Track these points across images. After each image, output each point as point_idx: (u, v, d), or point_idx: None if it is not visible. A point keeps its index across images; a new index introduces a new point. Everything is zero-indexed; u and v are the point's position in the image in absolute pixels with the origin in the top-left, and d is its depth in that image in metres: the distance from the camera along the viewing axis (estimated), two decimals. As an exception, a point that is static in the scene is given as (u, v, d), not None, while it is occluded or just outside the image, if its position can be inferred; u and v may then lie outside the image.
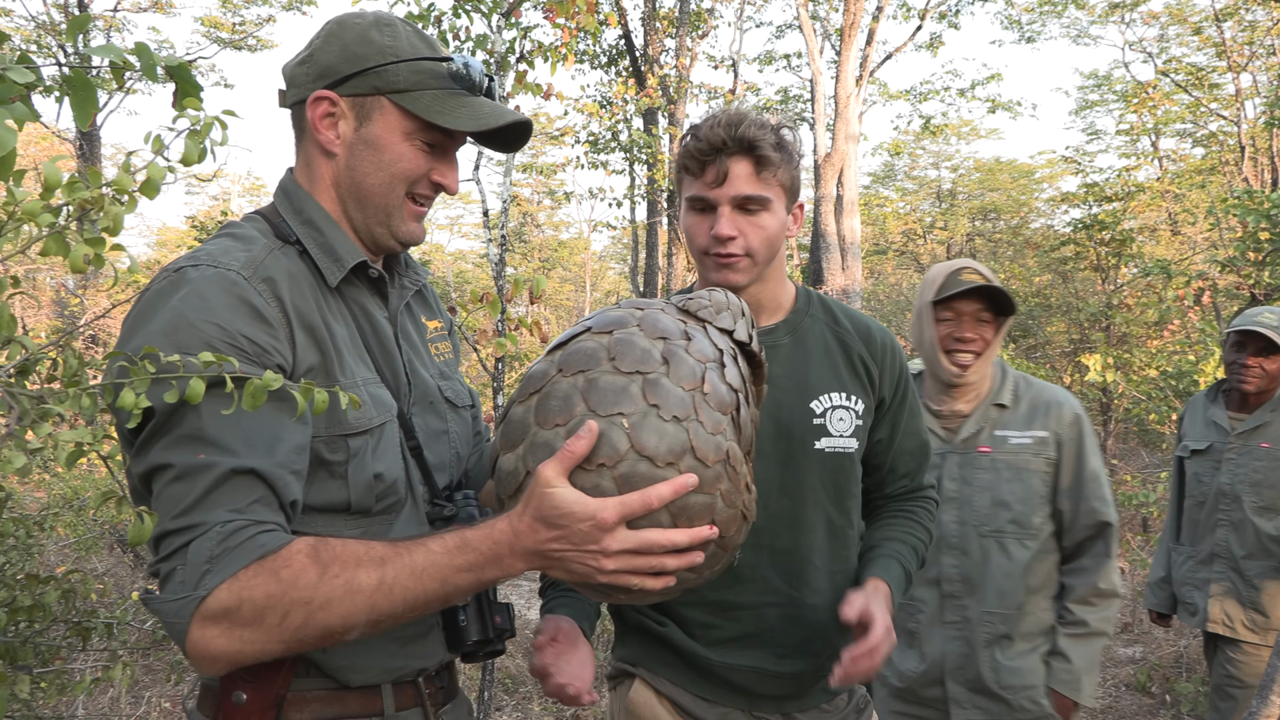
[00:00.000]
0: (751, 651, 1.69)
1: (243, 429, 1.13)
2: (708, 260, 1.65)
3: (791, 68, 17.26)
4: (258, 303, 1.20)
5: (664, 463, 1.14)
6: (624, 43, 12.71)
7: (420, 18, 5.59)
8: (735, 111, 1.63)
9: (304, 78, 1.37)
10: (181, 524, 1.10)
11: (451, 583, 1.15)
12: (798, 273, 15.61)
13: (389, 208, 1.37)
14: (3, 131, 1.18)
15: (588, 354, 1.21)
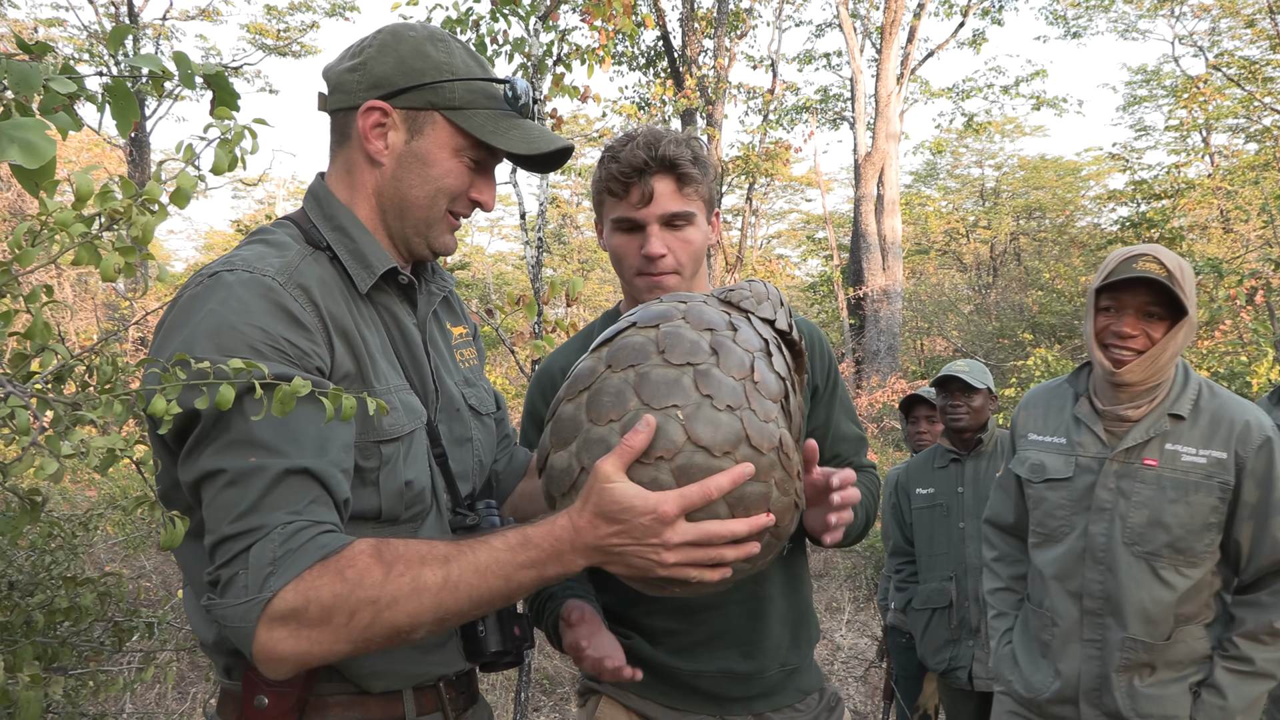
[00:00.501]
0: (718, 654, 1.69)
1: (291, 431, 1.14)
2: (639, 280, 1.68)
3: (831, 66, 17.16)
4: (294, 308, 1.21)
5: (720, 452, 1.14)
6: (662, 44, 12.70)
7: (459, 22, 5.63)
8: (650, 131, 1.66)
9: (354, 85, 1.36)
10: (240, 528, 1.10)
11: (515, 580, 1.16)
12: (837, 273, 15.50)
13: (430, 220, 1.38)
14: (42, 141, 1.21)
15: (637, 348, 1.22)
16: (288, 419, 1.13)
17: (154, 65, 1.70)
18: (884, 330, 14.42)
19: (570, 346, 1.81)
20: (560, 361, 1.78)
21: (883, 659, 4.69)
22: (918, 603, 3.73)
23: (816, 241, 22.70)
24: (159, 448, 1.19)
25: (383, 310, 1.39)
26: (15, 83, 1.52)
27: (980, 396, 3.58)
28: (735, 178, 12.06)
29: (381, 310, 1.39)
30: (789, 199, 31.84)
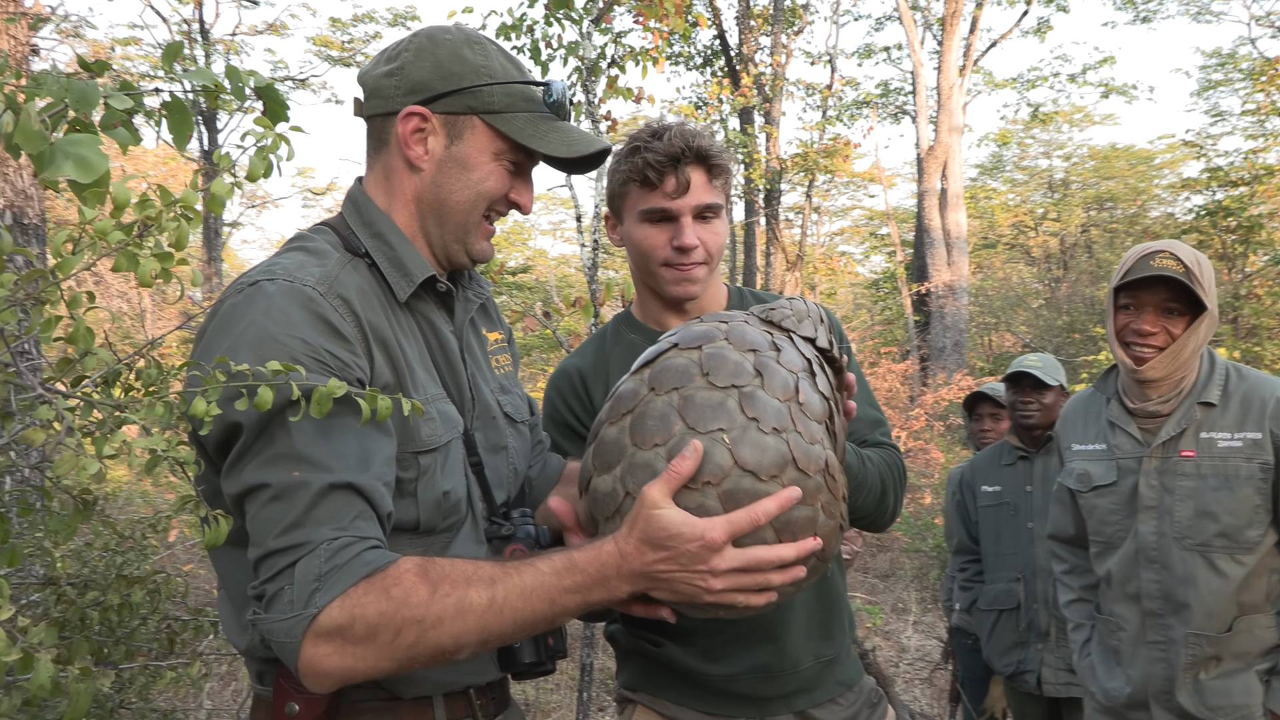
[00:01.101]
0: (753, 652, 1.66)
1: (334, 445, 1.14)
2: (666, 272, 1.67)
3: (891, 60, 16.94)
4: (334, 319, 1.20)
5: (768, 476, 1.13)
6: (719, 43, 12.67)
7: (513, 28, 5.69)
8: (680, 123, 1.67)
9: (392, 90, 1.35)
10: (285, 543, 1.11)
11: (560, 604, 1.15)
12: (901, 269, 15.28)
13: (468, 225, 1.38)
14: (95, 157, 1.26)
15: (680, 370, 1.21)
16: (330, 433, 1.14)
17: (207, 79, 1.75)
18: (950, 326, 14.17)
19: (586, 349, 1.81)
20: (576, 363, 1.78)
21: (948, 661, 4.61)
22: (984, 603, 3.64)
23: (879, 238, 22.40)
24: (201, 455, 1.21)
25: (420, 318, 1.38)
26: (75, 100, 1.57)
27: (1052, 393, 3.47)
28: (794, 175, 11.97)
29: (419, 318, 1.38)
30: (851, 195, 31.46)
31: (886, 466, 1.71)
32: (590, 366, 1.76)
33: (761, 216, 12.25)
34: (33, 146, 1.18)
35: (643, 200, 1.65)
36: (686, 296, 1.69)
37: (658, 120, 1.72)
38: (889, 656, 5.97)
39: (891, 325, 16.53)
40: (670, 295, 1.69)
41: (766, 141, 11.94)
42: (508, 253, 30.15)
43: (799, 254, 12.10)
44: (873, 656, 4.85)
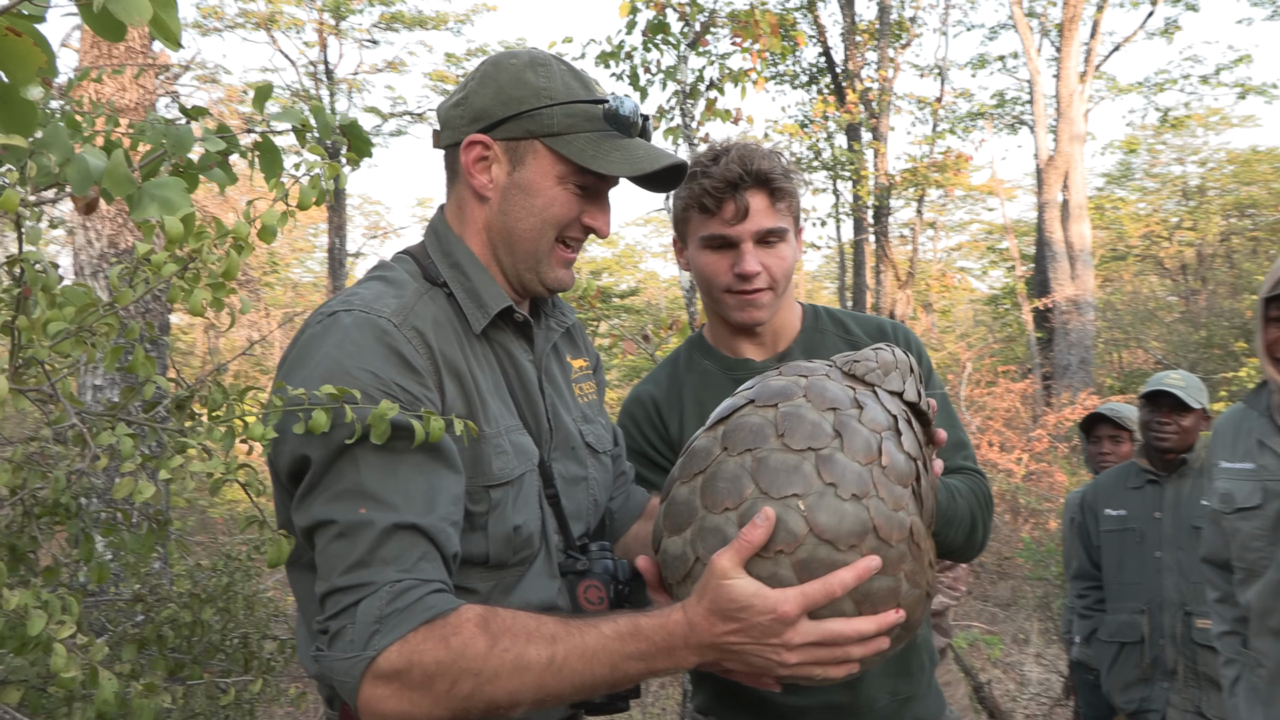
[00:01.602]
0: (829, 691, 1.60)
1: (400, 482, 1.14)
2: (729, 298, 1.63)
3: (1007, 69, 16.42)
4: (407, 351, 1.21)
5: (846, 546, 1.08)
6: (824, 60, 12.55)
7: (612, 55, 5.77)
8: (741, 145, 1.61)
9: (458, 120, 1.35)
10: (349, 582, 1.11)
11: (621, 669, 1.12)
12: (1021, 284, 14.73)
13: (539, 253, 1.35)
14: (178, 199, 1.32)
15: (754, 430, 1.16)
16: (396, 470, 1.14)
17: (295, 119, 1.83)
18: (1075, 343, 13.56)
19: (658, 374, 1.79)
20: (650, 390, 1.75)
21: (1069, 696, 4.38)
22: (1104, 634, 3.41)
23: (999, 252, 21.68)
24: (274, 482, 1.23)
25: (498, 348, 1.37)
26: (172, 144, 1.67)
27: (1193, 416, 3.22)
28: (904, 191, 11.71)
29: (497, 348, 1.37)
30: (969, 209, 30.58)
31: (974, 496, 1.65)
32: (664, 394, 1.74)
33: (871, 234, 12.02)
34: (121, 190, 1.25)
35: (703, 227, 1.63)
36: (752, 323, 1.66)
37: (721, 142, 1.67)
38: (1008, 690, 5.71)
39: (1012, 342, 15.93)
40: (736, 321, 1.67)
41: (874, 158, 11.73)
42: (619, 275, 30.45)
43: (910, 271, 11.80)
44: (988, 690, 4.66)
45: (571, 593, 1.38)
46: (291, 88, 17.92)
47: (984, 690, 4.54)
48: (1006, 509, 9.03)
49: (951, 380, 10.50)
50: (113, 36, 0.97)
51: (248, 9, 16.79)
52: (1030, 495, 8.36)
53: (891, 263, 11.55)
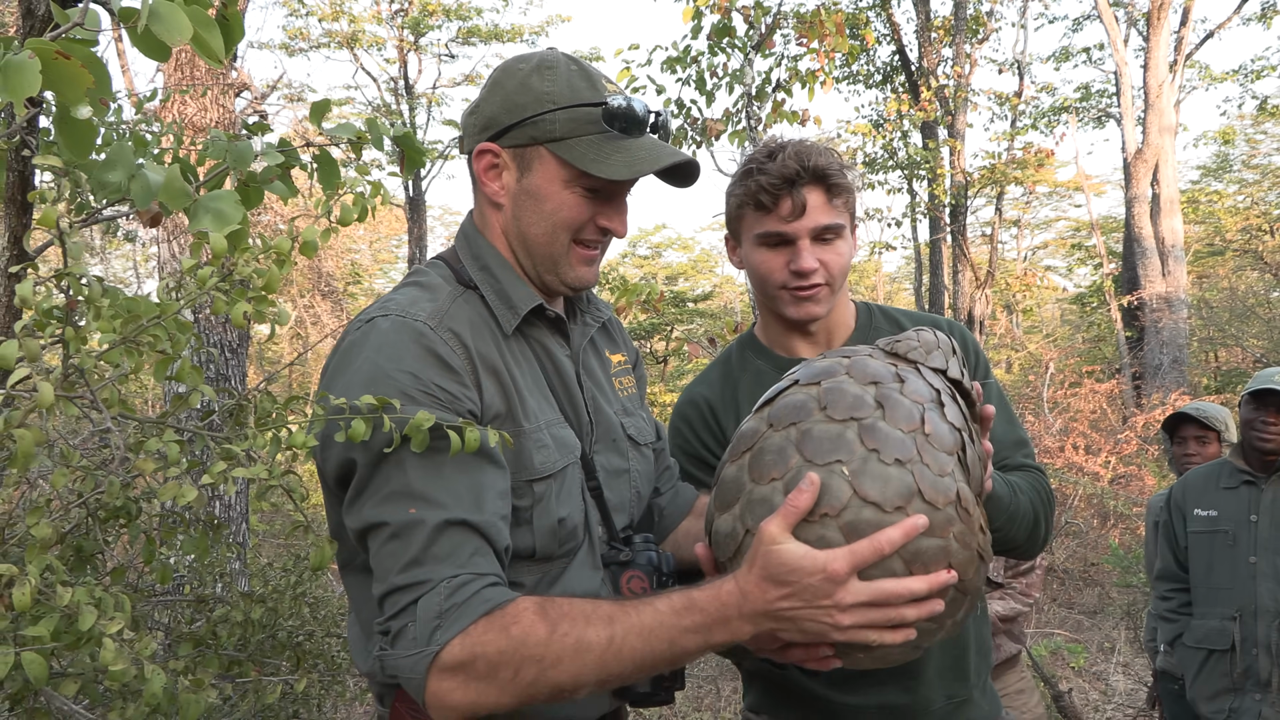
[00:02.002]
0: (882, 688, 1.58)
1: (447, 481, 1.17)
2: (785, 295, 1.62)
3: (1092, 62, 15.91)
4: (444, 352, 1.23)
5: (891, 508, 1.09)
6: (898, 58, 12.34)
7: (678, 60, 5.79)
8: (797, 142, 1.60)
9: (472, 129, 1.37)
10: (406, 581, 1.14)
11: (679, 644, 1.13)
12: (1109, 281, 14.25)
13: (554, 256, 1.36)
14: (231, 210, 1.39)
15: (797, 406, 1.20)
16: (442, 469, 1.17)
17: (350, 133, 1.89)
18: (1167, 342, 13.07)
19: (710, 374, 1.78)
20: (704, 392, 1.74)
21: (1154, 707, 4.22)
22: (1190, 639, 3.24)
23: (1087, 250, 21.00)
24: (323, 487, 1.27)
25: (535, 344, 1.39)
26: (234, 159, 1.74)
27: None
28: (982, 189, 11.44)
29: (534, 344, 1.39)
30: (1055, 206, 29.71)
31: (1035, 493, 1.62)
32: (718, 396, 1.73)
33: (947, 233, 11.76)
34: (178, 203, 1.32)
35: (758, 224, 1.61)
36: (808, 318, 1.65)
37: (776, 139, 1.66)
38: (1093, 700, 5.53)
39: (1101, 342, 15.41)
40: (791, 318, 1.65)
41: (950, 156, 11.48)
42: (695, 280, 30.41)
43: (989, 271, 11.51)
44: (1069, 699, 4.52)
45: (615, 583, 1.39)
46: (373, 103, 18.40)
47: (1063, 699, 4.40)
48: (1094, 514, 8.73)
49: (1033, 381, 10.21)
50: (158, 56, 1.02)
51: (331, 29, 17.29)
52: (1118, 499, 8.06)
53: (969, 262, 11.28)
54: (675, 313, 13.27)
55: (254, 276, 0.99)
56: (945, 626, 1.18)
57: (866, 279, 31.42)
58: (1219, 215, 19.92)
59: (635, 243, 35.84)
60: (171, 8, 0.98)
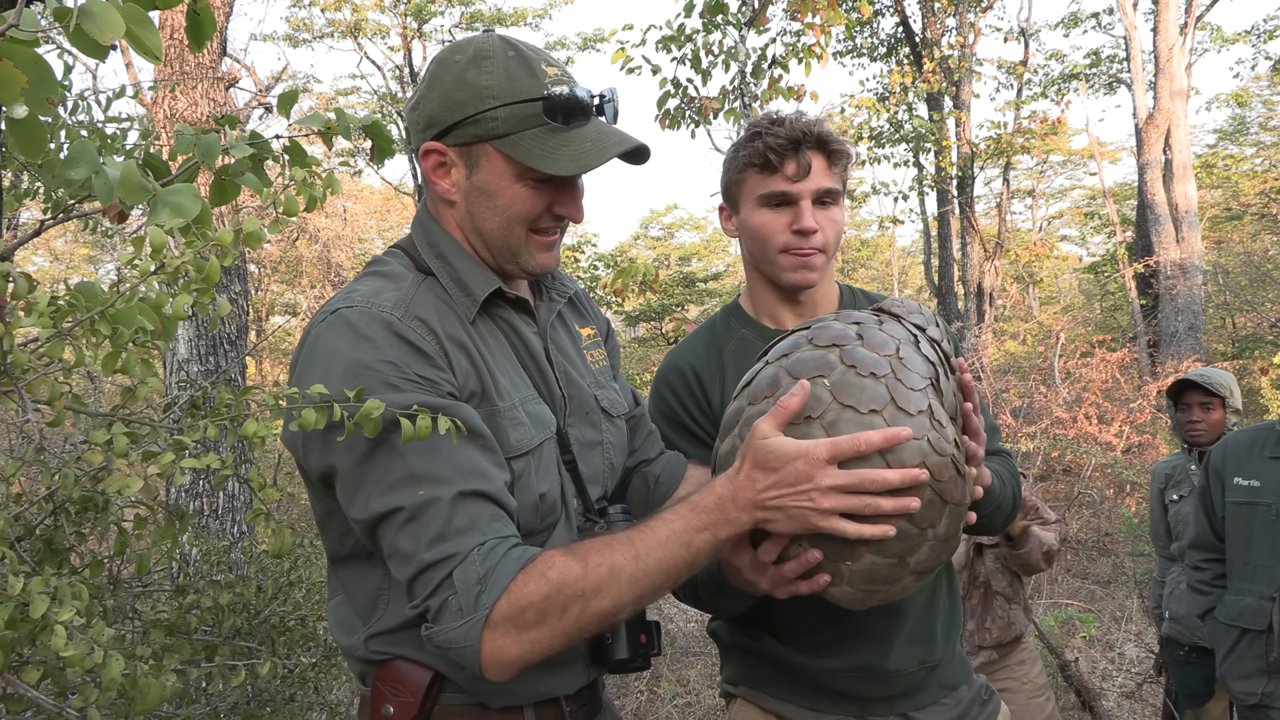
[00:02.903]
0: (851, 651, 1.61)
1: (446, 458, 1.20)
2: (784, 259, 1.65)
3: (1101, 27, 15.70)
4: (415, 339, 1.24)
5: (867, 409, 1.22)
6: (902, 30, 12.22)
7: (673, 39, 5.76)
8: (799, 112, 1.66)
9: (415, 126, 1.36)
10: (435, 556, 1.17)
11: (694, 545, 1.21)
12: (1121, 249, 14.12)
13: (513, 247, 1.37)
14: (188, 203, 1.39)
15: (789, 342, 1.35)
16: (439, 449, 1.20)
17: (319, 123, 1.90)
18: (1181, 309, 12.95)
19: (695, 341, 1.79)
20: (689, 360, 1.75)
21: (1160, 673, 4.22)
22: (1223, 615, 3.04)
23: (1101, 218, 20.79)
24: (306, 482, 1.29)
25: (502, 323, 1.40)
26: (201, 153, 1.76)
27: None
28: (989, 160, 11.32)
29: (501, 323, 1.40)
30: (1070, 174, 29.42)
31: (1011, 478, 1.71)
32: (703, 362, 1.74)
33: (955, 204, 11.67)
34: (136, 198, 1.33)
35: (762, 185, 1.65)
36: (804, 284, 1.67)
37: (777, 110, 1.71)
38: (1103, 669, 5.53)
39: (1117, 311, 15.28)
40: (788, 283, 1.67)
41: (956, 127, 11.37)
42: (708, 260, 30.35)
43: (998, 242, 11.42)
44: (1074, 668, 4.52)
45: None
46: (378, 92, 18.40)
47: (1069, 669, 4.41)
48: (1108, 484, 8.70)
49: (1044, 352, 10.15)
50: (95, 55, 1.03)
51: (335, 19, 17.27)
52: (1131, 469, 8.02)
53: (978, 234, 11.20)
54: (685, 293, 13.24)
55: (188, 269, 1.00)
56: (929, 538, 1.25)
57: (880, 254, 31.26)
58: (1236, 179, 19.67)
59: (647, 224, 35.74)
60: (105, 6, 0.99)
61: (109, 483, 0.92)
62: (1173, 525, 3.96)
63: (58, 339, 0.92)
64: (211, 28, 1.73)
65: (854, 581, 1.28)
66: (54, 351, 0.92)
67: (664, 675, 5.59)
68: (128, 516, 1.30)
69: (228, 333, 3.65)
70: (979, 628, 3.39)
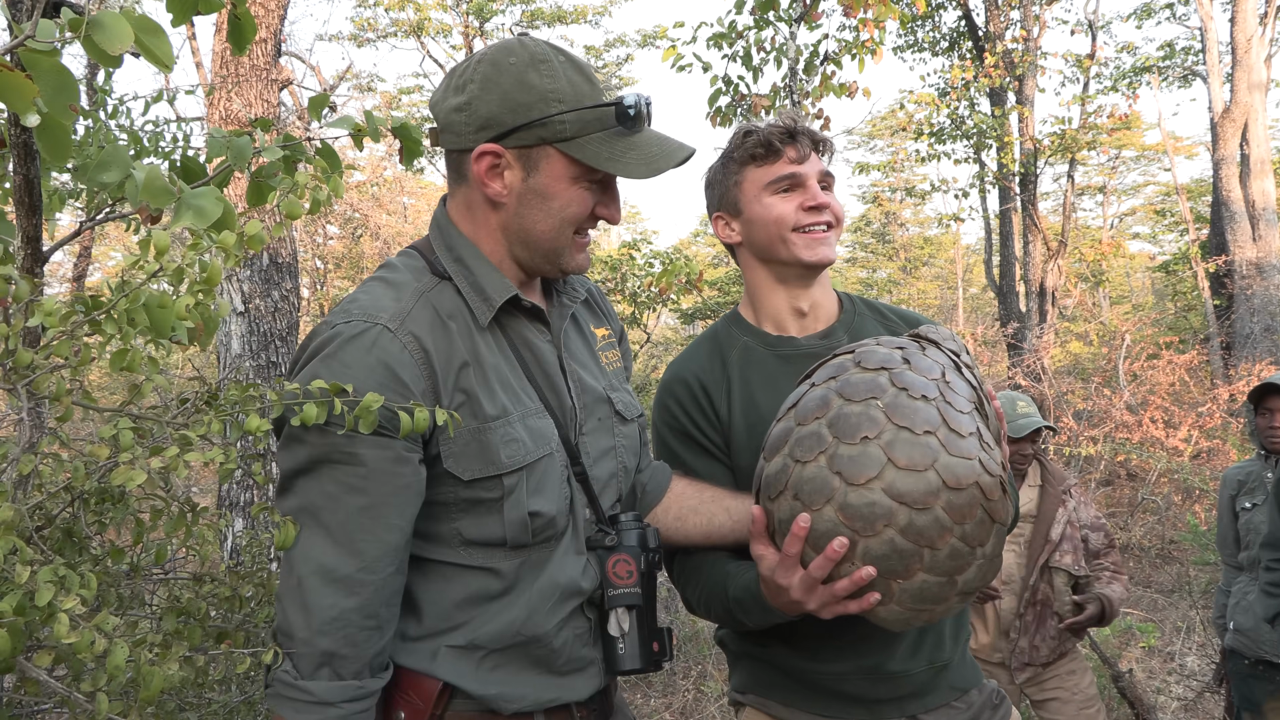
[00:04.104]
0: (860, 654, 1.60)
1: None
2: (799, 238, 1.66)
3: (1175, 18, 15.21)
4: (395, 364, 1.24)
5: (922, 430, 1.26)
6: (964, 23, 11.97)
7: (724, 36, 5.73)
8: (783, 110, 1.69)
9: (463, 126, 1.33)
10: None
11: None
12: (1194, 248, 13.67)
13: (558, 249, 1.38)
14: (211, 206, 1.44)
15: (836, 365, 1.38)
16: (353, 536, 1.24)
17: (348, 125, 1.93)
18: (1257, 309, 12.49)
19: (698, 350, 1.78)
20: (694, 370, 1.74)
21: (1221, 684, 4.09)
22: None
23: (1174, 216, 20.14)
24: None
25: (512, 335, 1.40)
26: (234, 156, 1.80)
27: None
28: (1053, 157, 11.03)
29: (511, 335, 1.40)
30: (1143, 170, 28.58)
31: (1012, 489, 1.67)
32: (708, 374, 1.73)
33: (1017, 201, 11.40)
34: (160, 201, 1.37)
35: (766, 174, 1.68)
36: (823, 261, 1.67)
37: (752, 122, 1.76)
38: (1162, 680, 5.37)
39: (1191, 311, 14.80)
40: (806, 261, 1.66)
41: (1019, 122, 11.11)
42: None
43: (1062, 240, 11.13)
44: (1129, 679, 4.39)
45: (601, 567, 1.42)
46: (440, 91, 18.62)
47: (1122, 680, 4.29)
48: (1174, 490, 8.44)
49: (1107, 354, 9.88)
50: (107, 63, 1.07)
51: (398, 18, 17.55)
52: (1200, 475, 7.76)
53: (1041, 232, 10.93)
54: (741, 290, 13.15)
55: (187, 270, 1.03)
56: (976, 558, 1.27)
57: (944, 251, 30.71)
58: (1319, 175, 18.88)
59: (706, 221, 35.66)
60: (116, 17, 1.02)
61: (114, 475, 0.95)
62: (1242, 534, 3.83)
63: (65, 338, 0.96)
64: (252, 31, 1.77)
65: (903, 600, 1.28)
66: (61, 350, 0.95)
67: (710, 675, 5.58)
68: (145, 509, 1.34)
69: (279, 329, 3.75)
70: (1029, 645, 3.33)
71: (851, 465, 1.25)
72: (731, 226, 1.75)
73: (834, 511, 1.25)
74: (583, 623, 1.41)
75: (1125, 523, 8.41)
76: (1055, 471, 3.49)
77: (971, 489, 1.24)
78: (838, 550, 1.24)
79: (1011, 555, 3.38)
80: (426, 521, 1.31)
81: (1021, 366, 9.53)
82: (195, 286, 1.03)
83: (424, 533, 1.32)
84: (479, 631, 1.33)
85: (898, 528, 1.23)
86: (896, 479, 1.23)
